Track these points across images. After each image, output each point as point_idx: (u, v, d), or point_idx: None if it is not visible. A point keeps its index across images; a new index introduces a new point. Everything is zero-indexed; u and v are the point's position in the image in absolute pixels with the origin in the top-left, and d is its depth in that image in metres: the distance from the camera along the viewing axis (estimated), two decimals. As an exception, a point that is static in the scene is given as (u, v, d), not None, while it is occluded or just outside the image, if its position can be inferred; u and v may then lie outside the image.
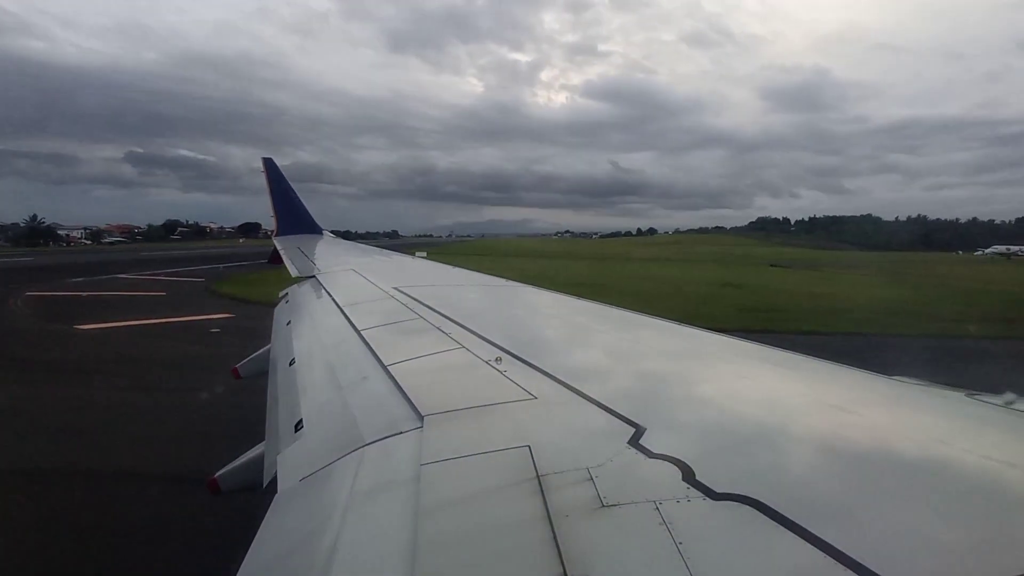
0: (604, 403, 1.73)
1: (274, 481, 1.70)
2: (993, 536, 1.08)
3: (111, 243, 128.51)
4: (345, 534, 1.20)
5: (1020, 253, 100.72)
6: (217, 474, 2.52)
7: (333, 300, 4.24)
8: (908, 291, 32.95)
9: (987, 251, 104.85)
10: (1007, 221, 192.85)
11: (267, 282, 19.01)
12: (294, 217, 12.12)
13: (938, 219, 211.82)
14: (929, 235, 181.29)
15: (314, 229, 12.37)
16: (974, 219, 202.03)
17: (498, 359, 2.29)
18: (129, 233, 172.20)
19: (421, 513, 1.20)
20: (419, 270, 6.96)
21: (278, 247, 9.57)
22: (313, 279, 5.84)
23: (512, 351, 2.41)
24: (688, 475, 1.24)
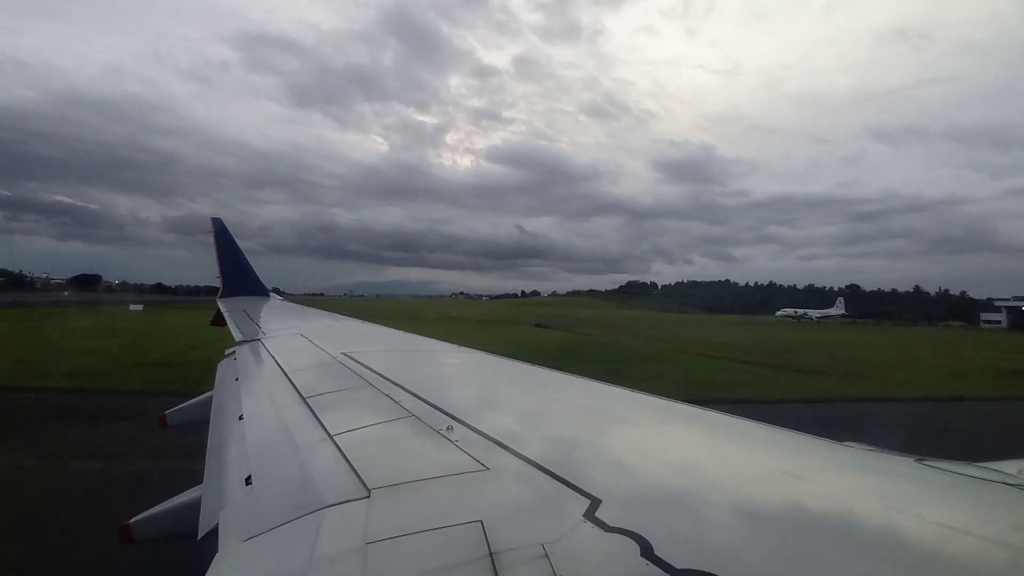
0: (558, 473, 1.69)
1: (209, 535, 1.71)
2: None
3: None
4: None
5: (806, 316, 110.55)
6: (132, 520, 2.36)
7: (279, 365, 4.03)
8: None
9: (777, 313, 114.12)
10: (841, 287, 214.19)
11: None
12: (240, 279, 11.90)
13: (780, 285, 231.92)
14: (768, 300, 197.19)
15: (260, 291, 12.14)
16: (810, 285, 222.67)
17: (449, 428, 2.23)
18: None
19: None
20: (369, 335, 6.86)
21: (222, 309, 9.24)
22: (258, 342, 5.51)
23: (463, 419, 2.34)
24: (646, 550, 1.20)
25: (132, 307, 62.80)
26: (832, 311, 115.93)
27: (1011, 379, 27.43)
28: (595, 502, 1.45)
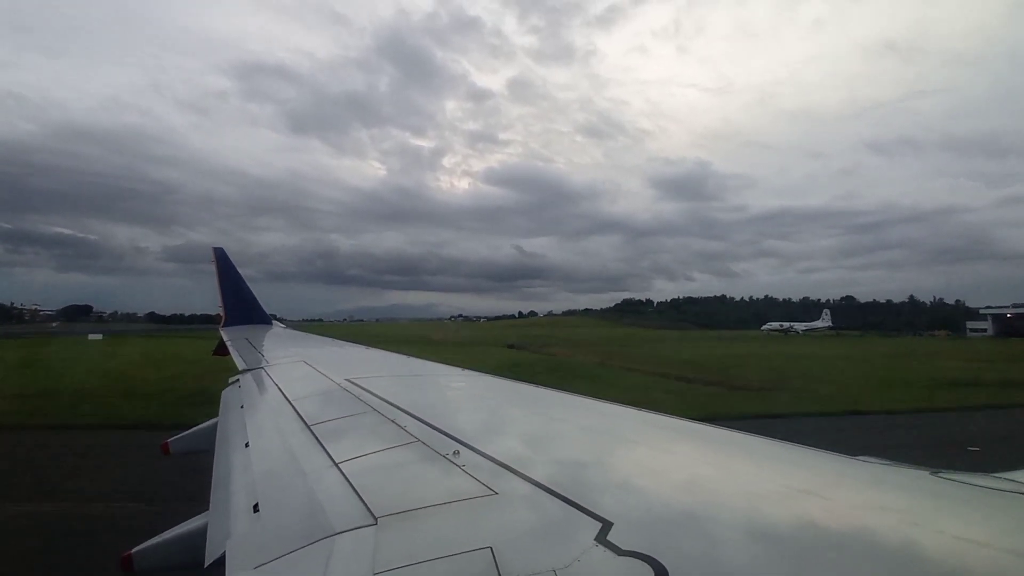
0: (568, 496, 1.65)
1: (215, 564, 1.71)
2: None
3: None
4: None
5: (792, 329, 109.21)
6: (134, 550, 2.31)
7: (283, 393, 4.04)
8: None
9: (763, 327, 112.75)
10: (836, 299, 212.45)
11: None
12: (243, 308, 11.90)
13: (775, 299, 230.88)
14: (762, 314, 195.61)
15: (263, 319, 12.12)
16: (805, 298, 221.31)
17: (456, 452, 2.19)
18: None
19: None
20: (372, 360, 6.84)
21: (225, 338, 9.25)
22: (262, 370, 5.45)
23: (470, 443, 2.30)
24: (661, 574, 1.17)
25: (91, 337, 62.24)
26: (818, 323, 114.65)
27: (937, 391, 26.31)
28: (607, 525, 1.40)
